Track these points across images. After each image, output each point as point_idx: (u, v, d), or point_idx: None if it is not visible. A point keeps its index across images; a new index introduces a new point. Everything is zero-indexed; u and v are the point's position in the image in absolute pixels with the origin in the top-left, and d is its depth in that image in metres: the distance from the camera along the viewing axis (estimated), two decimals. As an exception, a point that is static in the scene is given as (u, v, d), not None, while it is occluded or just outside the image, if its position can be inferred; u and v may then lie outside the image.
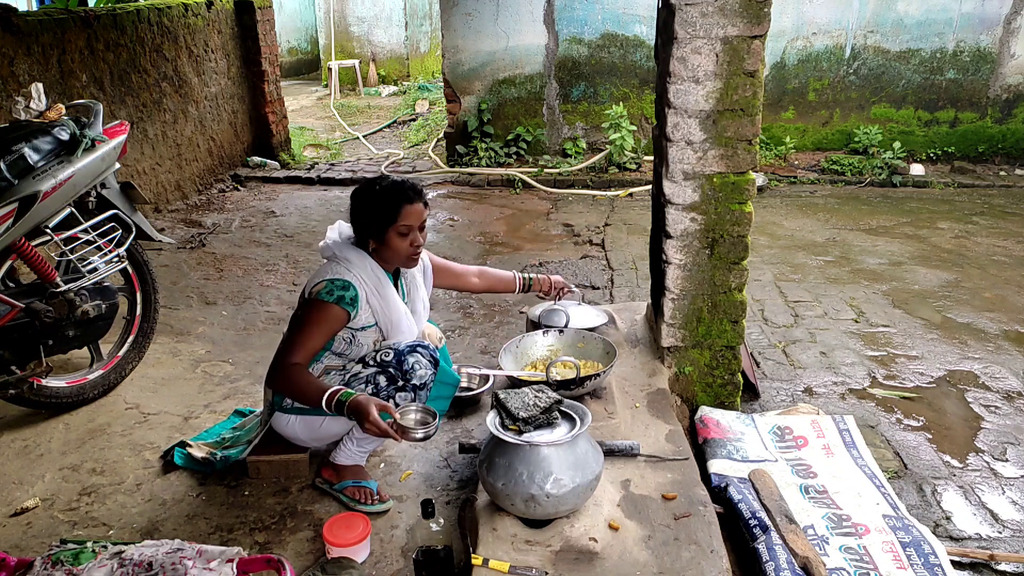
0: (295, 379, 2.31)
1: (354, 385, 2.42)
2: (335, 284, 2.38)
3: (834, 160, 7.25)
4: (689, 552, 2.04)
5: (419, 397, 2.41)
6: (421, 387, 2.41)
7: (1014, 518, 2.54)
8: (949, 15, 7.01)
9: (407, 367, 2.40)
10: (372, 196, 2.43)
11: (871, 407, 3.24)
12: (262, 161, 7.52)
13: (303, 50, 15.18)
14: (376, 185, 2.44)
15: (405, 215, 2.41)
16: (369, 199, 2.43)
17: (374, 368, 2.43)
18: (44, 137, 2.86)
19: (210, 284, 4.70)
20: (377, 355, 2.44)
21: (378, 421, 2.12)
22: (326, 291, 2.37)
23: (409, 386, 2.40)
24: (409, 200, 2.42)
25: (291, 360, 2.33)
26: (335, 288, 2.38)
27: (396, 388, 2.40)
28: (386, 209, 2.41)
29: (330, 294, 2.37)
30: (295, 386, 2.32)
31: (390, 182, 2.45)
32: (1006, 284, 4.58)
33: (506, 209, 6.42)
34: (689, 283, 2.84)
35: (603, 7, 7.26)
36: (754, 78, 2.60)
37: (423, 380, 2.41)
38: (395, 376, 2.40)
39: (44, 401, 3.05)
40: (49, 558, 1.89)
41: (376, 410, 2.13)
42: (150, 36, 5.90)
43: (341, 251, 2.48)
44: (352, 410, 2.16)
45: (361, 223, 2.47)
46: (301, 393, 2.31)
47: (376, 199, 2.42)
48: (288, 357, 2.34)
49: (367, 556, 2.29)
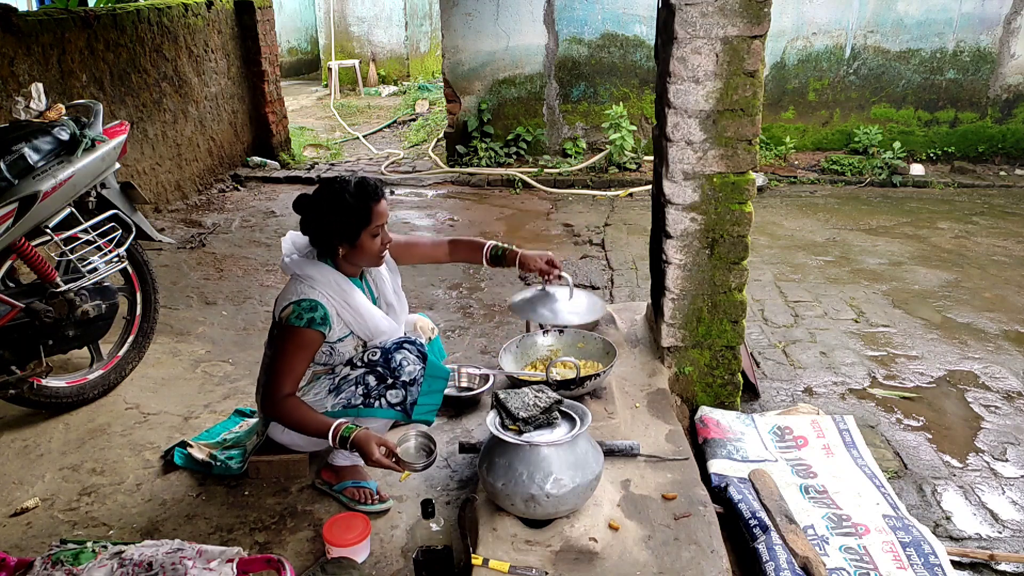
0: (293, 414, 2.33)
1: (344, 387, 2.42)
2: (302, 307, 2.33)
3: (834, 160, 7.25)
4: (689, 552, 2.04)
5: (410, 393, 2.40)
6: (411, 383, 2.41)
7: (1014, 518, 2.54)
8: (949, 15, 7.01)
9: (395, 364, 2.39)
10: (341, 201, 2.33)
11: (871, 407, 3.24)
12: (262, 161, 7.52)
13: (303, 50, 15.18)
14: (342, 189, 2.34)
15: (376, 215, 2.36)
16: (338, 204, 2.33)
17: (362, 369, 2.42)
18: (44, 137, 2.86)
19: (210, 284, 4.70)
20: (364, 355, 2.44)
21: (380, 460, 2.19)
22: (295, 316, 2.32)
23: (399, 383, 2.39)
24: (377, 198, 2.36)
25: (283, 392, 2.33)
26: (303, 311, 2.32)
27: (386, 387, 2.39)
28: (358, 212, 2.33)
29: (299, 318, 2.32)
30: (295, 421, 2.34)
31: (355, 183, 2.36)
32: (1006, 284, 4.58)
33: (506, 209, 6.42)
34: (689, 283, 2.84)
35: (603, 7, 7.26)
36: (754, 78, 2.60)
37: (412, 376, 2.40)
38: (384, 375, 2.39)
39: (44, 401, 3.05)
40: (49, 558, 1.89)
41: (377, 447, 2.19)
42: (150, 36, 5.90)
43: (302, 269, 2.41)
44: (355, 446, 2.23)
45: (329, 230, 2.38)
46: (303, 428, 2.35)
47: (346, 203, 2.32)
48: (279, 390, 2.33)
49: (367, 556, 2.29)
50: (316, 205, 2.38)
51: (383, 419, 2.45)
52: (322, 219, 2.37)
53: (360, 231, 2.36)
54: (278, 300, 2.44)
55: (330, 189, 2.36)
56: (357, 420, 2.48)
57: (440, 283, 4.75)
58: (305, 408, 2.35)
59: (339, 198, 2.33)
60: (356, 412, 2.42)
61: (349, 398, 2.41)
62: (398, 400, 2.40)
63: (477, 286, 4.69)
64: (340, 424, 2.26)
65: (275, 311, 2.43)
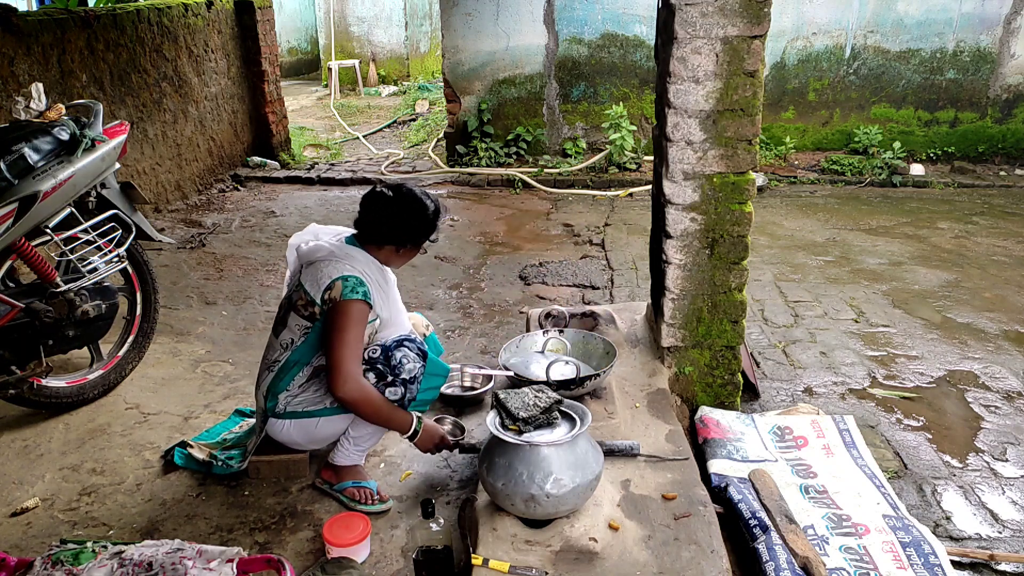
0: (375, 399, 2.37)
1: None
2: (350, 281, 2.36)
3: (834, 160, 7.25)
4: (689, 552, 2.04)
5: (409, 391, 2.42)
6: (411, 381, 2.42)
7: (1014, 518, 2.54)
8: (949, 15, 7.01)
9: (395, 362, 2.41)
10: (424, 211, 2.49)
11: (871, 407, 3.24)
12: (262, 161, 7.52)
13: (303, 50, 15.18)
14: (427, 202, 2.50)
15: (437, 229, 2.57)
16: (422, 214, 2.49)
17: (363, 366, 2.43)
18: (44, 137, 2.86)
19: (210, 284, 4.70)
20: (365, 352, 2.44)
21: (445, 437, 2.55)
22: (349, 289, 2.35)
23: (399, 380, 2.40)
24: (442, 216, 2.58)
25: (356, 372, 2.33)
26: (355, 286, 2.36)
27: (386, 384, 2.40)
28: (429, 228, 2.52)
29: (354, 292, 2.35)
30: (375, 408, 2.38)
31: (438, 201, 2.55)
32: (1006, 284, 4.58)
33: (506, 209, 6.42)
34: (689, 283, 2.84)
35: (603, 7, 7.25)
36: (754, 78, 2.60)
37: (412, 374, 2.42)
38: (384, 372, 2.40)
39: (44, 401, 3.05)
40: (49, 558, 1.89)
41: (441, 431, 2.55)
42: (150, 36, 5.90)
43: (341, 250, 2.46)
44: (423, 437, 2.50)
45: (401, 229, 2.48)
46: (382, 415, 2.40)
47: (425, 217, 2.49)
48: (354, 370, 2.33)
49: (367, 556, 2.29)
50: (399, 205, 2.48)
51: None
52: (400, 219, 2.47)
53: (422, 241, 2.54)
54: (310, 283, 2.39)
55: (415, 198, 2.50)
56: (355, 419, 2.48)
57: (440, 283, 4.75)
58: (380, 395, 2.40)
59: (424, 209, 2.49)
60: None
61: None
62: (397, 397, 2.41)
63: (477, 286, 4.69)
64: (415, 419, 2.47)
65: (311, 293, 2.38)
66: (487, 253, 5.31)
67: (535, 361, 2.89)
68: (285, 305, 2.54)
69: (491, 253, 5.31)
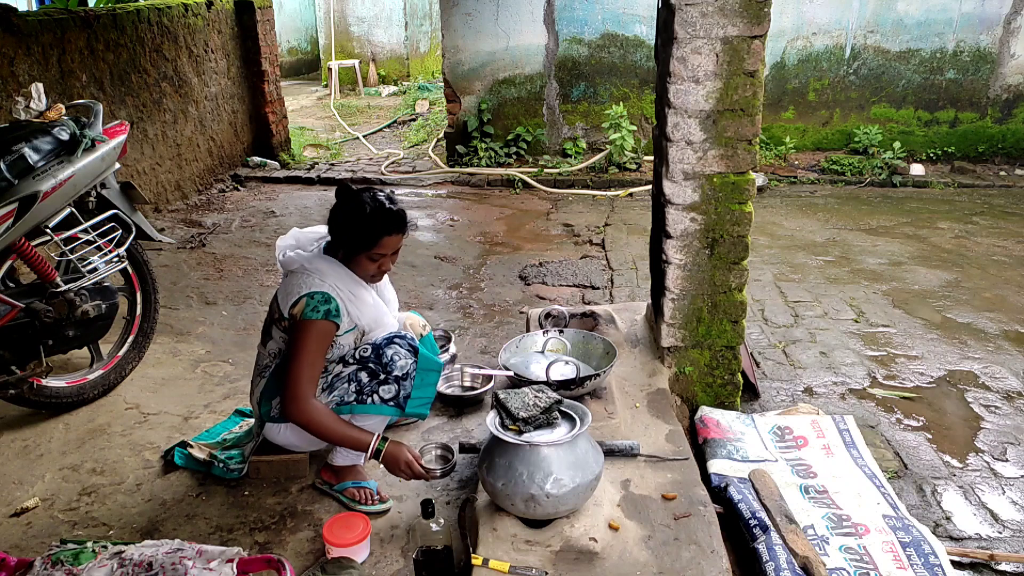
0: (324, 422, 2.32)
1: (337, 385, 2.42)
2: (315, 299, 2.32)
3: (834, 160, 7.25)
4: (689, 552, 2.04)
5: (403, 388, 2.40)
6: (403, 378, 2.40)
7: (1014, 518, 2.54)
8: (949, 15, 7.01)
9: (386, 360, 2.39)
10: (356, 216, 2.34)
11: (871, 407, 3.24)
12: (262, 161, 7.52)
13: (303, 50, 15.18)
14: (365, 205, 2.34)
15: (382, 245, 2.37)
16: (352, 218, 2.35)
17: (355, 365, 2.42)
18: (44, 137, 2.85)
19: (210, 284, 4.70)
20: (356, 352, 2.44)
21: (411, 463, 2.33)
22: (311, 308, 2.31)
23: (391, 378, 2.40)
24: (391, 232, 2.36)
25: (308, 395, 2.31)
26: (318, 304, 2.32)
27: (379, 383, 2.40)
28: (366, 235, 2.35)
29: (316, 311, 2.31)
30: (325, 430, 2.33)
31: (379, 208, 2.34)
32: (1006, 284, 4.58)
33: (506, 209, 6.42)
34: (689, 283, 2.84)
35: (603, 7, 7.25)
36: (754, 78, 2.60)
37: (404, 371, 2.40)
38: (376, 371, 2.40)
39: (44, 401, 3.05)
40: (49, 558, 1.89)
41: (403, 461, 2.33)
42: (150, 36, 5.90)
43: (311, 263, 2.41)
44: (385, 460, 2.34)
45: (337, 234, 2.42)
46: (333, 437, 2.35)
47: (359, 221, 2.34)
48: (305, 392, 2.30)
49: (367, 556, 2.29)
50: (338, 208, 2.40)
51: (377, 416, 2.46)
52: (335, 220, 2.41)
53: (360, 252, 2.39)
54: (282, 296, 2.42)
55: (357, 199, 2.36)
56: (352, 417, 2.48)
57: (440, 283, 4.75)
58: (333, 416, 2.35)
59: (356, 212, 2.35)
60: (350, 409, 2.42)
61: (342, 395, 2.41)
62: (391, 395, 2.40)
63: (477, 286, 4.69)
64: (376, 438, 2.34)
65: (281, 307, 2.40)
66: (487, 253, 5.31)
67: (535, 361, 2.89)
68: (268, 315, 2.54)
69: (491, 253, 5.31)
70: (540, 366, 2.80)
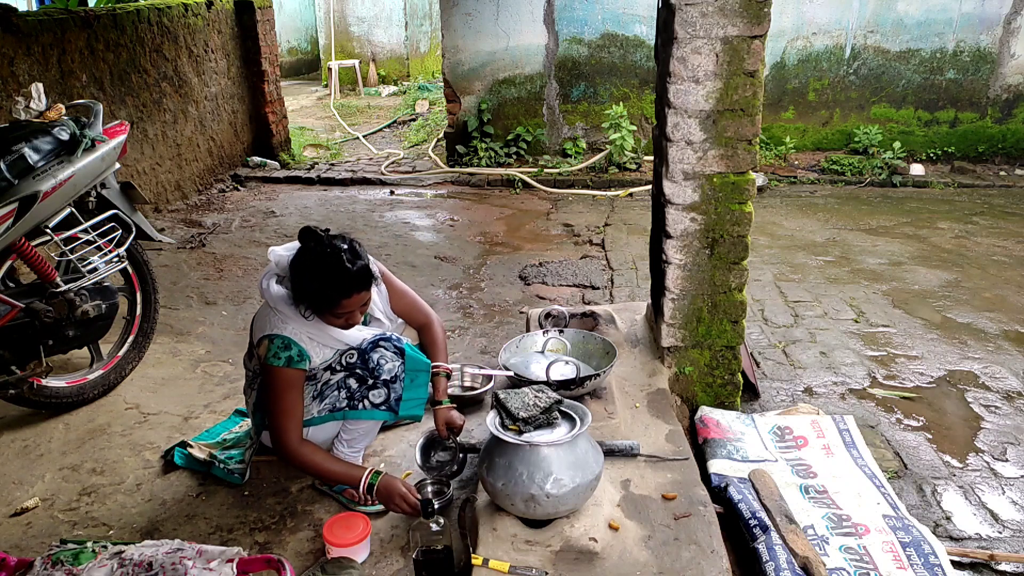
0: (314, 462, 2.33)
1: (327, 392, 2.42)
2: (275, 344, 2.28)
3: (834, 160, 7.25)
4: (689, 552, 2.04)
5: (392, 390, 2.39)
6: (392, 381, 2.39)
7: (1014, 518, 2.54)
8: (949, 15, 7.01)
9: (372, 364, 2.38)
10: (314, 278, 2.21)
11: (871, 407, 3.24)
12: (262, 161, 7.52)
13: (303, 50, 15.18)
14: (322, 264, 2.20)
15: (343, 306, 2.27)
16: (310, 279, 2.22)
17: (342, 372, 2.42)
18: (44, 137, 2.85)
19: (210, 284, 4.70)
20: (342, 358, 2.43)
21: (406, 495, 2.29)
22: (272, 355, 2.28)
23: (380, 383, 2.39)
24: (351, 294, 2.24)
25: (292, 438, 2.32)
26: (278, 350, 2.28)
27: (368, 388, 2.39)
28: (325, 298, 2.24)
29: (277, 358, 2.28)
30: (317, 471, 2.36)
31: (337, 269, 2.19)
32: (1006, 284, 4.58)
33: (506, 209, 6.42)
34: (689, 283, 2.84)
35: (603, 7, 7.25)
36: (754, 78, 2.60)
37: (392, 373, 2.39)
38: (364, 376, 2.39)
39: (44, 401, 3.05)
40: (49, 558, 1.89)
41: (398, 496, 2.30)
42: (150, 36, 5.90)
43: (275, 302, 2.33)
44: (379, 495, 2.32)
45: (297, 290, 2.29)
46: (326, 476, 2.37)
47: (318, 284, 2.22)
48: (288, 436, 2.31)
49: (367, 556, 2.29)
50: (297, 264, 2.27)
51: (370, 420, 2.46)
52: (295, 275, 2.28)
53: (322, 311, 2.30)
54: (254, 323, 2.42)
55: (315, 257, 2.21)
56: (345, 423, 2.48)
57: (440, 283, 4.75)
58: (323, 455, 2.37)
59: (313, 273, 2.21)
60: (343, 415, 2.42)
61: (334, 402, 2.41)
62: (382, 399, 2.40)
63: (477, 286, 4.69)
64: (368, 473, 2.33)
65: (252, 335, 2.42)
66: (487, 253, 5.31)
67: (535, 361, 2.89)
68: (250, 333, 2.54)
69: (491, 253, 5.31)
70: (540, 366, 2.80)
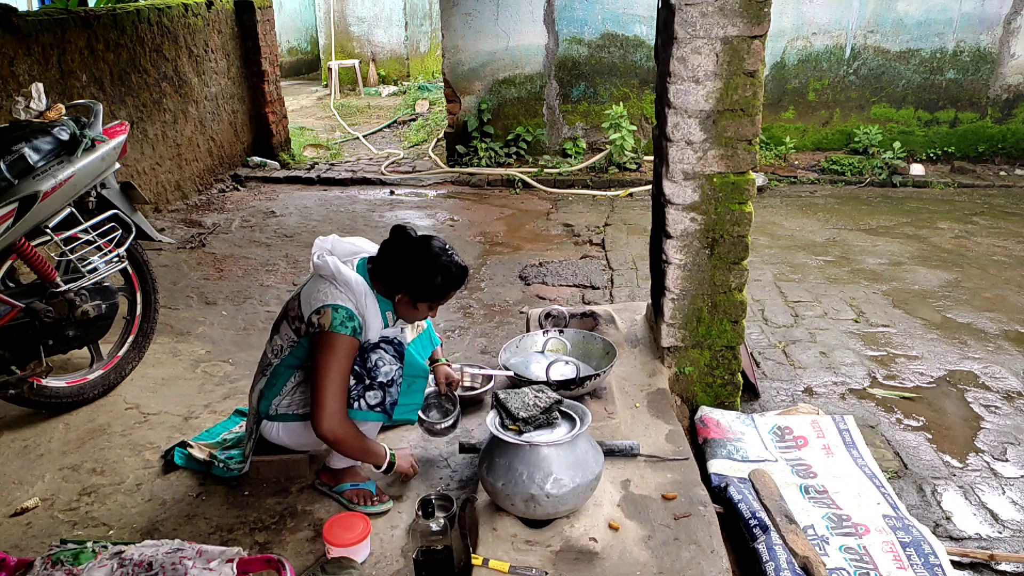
0: (351, 442, 2.36)
1: None
2: (341, 313, 2.31)
3: (834, 160, 7.25)
4: (689, 552, 2.04)
5: (388, 394, 2.38)
6: (388, 384, 2.38)
7: (1014, 518, 2.54)
8: (949, 15, 7.01)
9: (370, 365, 2.37)
10: (438, 272, 2.36)
11: (871, 407, 3.24)
12: (262, 161, 7.52)
13: (303, 50, 15.18)
14: (448, 264, 2.38)
15: (448, 298, 2.47)
16: (434, 272, 2.36)
17: None
18: (44, 137, 2.85)
19: (210, 284, 4.70)
20: None
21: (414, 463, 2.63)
22: (339, 323, 2.30)
23: (376, 384, 2.37)
24: (459, 288, 2.47)
25: (339, 410, 2.31)
26: (345, 319, 2.31)
27: (364, 388, 2.37)
28: (443, 289, 2.41)
29: (344, 326, 2.30)
30: (356, 447, 2.39)
31: (461, 268, 2.42)
32: (1006, 284, 4.58)
33: (506, 209, 6.42)
34: (689, 283, 2.84)
35: (603, 7, 7.25)
36: (754, 78, 2.60)
37: (389, 377, 2.38)
38: (361, 375, 2.37)
39: (44, 401, 3.05)
40: (49, 558, 1.89)
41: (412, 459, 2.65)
42: (150, 36, 5.90)
43: (340, 275, 2.37)
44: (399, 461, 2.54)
45: (407, 280, 2.38)
46: (362, 454, 2.43)
47: (441, 278, 2.37)
48: (339, 408, 2.30)
49: (367, 556, 2.29)
50: (416, 253, 2.38)
51: (367, 422, 2.44)
52: (411, 267, 2.37)
53: (429, 300, 2.43)
54: (305, 297, 2.39)
55: (438, 255, 2.38)
56: None
57: (440, 283, 4.75)
58: (359, 434, 2.38)
59: (441, 269, 2.37)
60: None
61: None
62: (377, 401, 2.38)
63: (477, 286, 4.69)
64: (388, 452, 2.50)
65: (303, 308, 2.38)
66: (487, 253, 5.31)
67: (535, 361, 2.90)
68: (282, 311, 2.53)
69: (491, 253, 5.31)
70: (540, 366, 2.80)
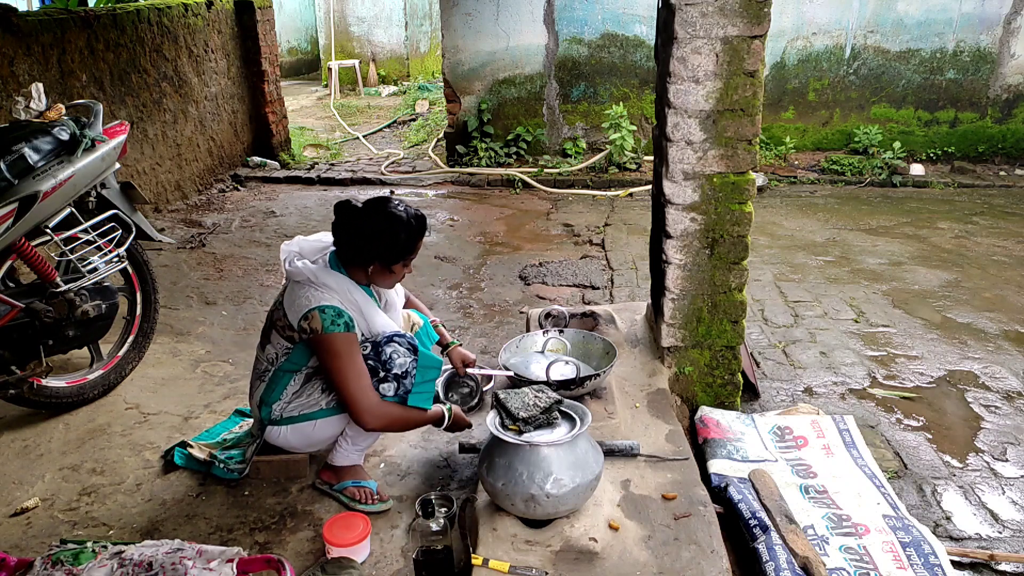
0: (397, 415, 2.40)
1: None
2: (329, 314, 2.32)
3: (834, 160, 7.25)
4: (689, 552, 2.04)
5: (403, 385, 2.40)
6: (403, 376, 2.40)
7: (1014, 518, 2.54)
8: (949, 15, 7.01)
9: (385, 358, 2.39)
10: (398, 227, 2.38)
11: (871, 407, 3.24)
12: (262, 161, 7.52)
13: (303, 50, 15.18)
14: (402, 217, 2.40)
15: (416, 249, 2.47)
16: (394, 229, 2.38)
17: None
18: (44, 137, 2.85)
19: (210, 284, 4.70)
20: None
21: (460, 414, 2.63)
22: (330, 323, 2.32)
23: (391, 376, 2.39)
24: (422, 236, 2.47)
25: (374, 397, 2.35)
26: (334, 317, 2.33)
27: (379, 380, 2.39)
28: (409, 243, 2.42)
29: (335, 324, 2.32)
30: (402, 421, 2.44)
31: (416, 215, 2.43)
32: (1006, 284, 4.58)
33: (506, 209, 6.42)
34: (689, 283, 2.84)
35: (603, 7, 7.25)
36: (754, 78, 2.60)
37: (404, 368, 2.39)
38: (375, 367, 2.39)
39: (44, 401, 3.05)
40: (49, 558, 1.89)
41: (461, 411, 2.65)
42: (150, 36, 5.90)
43: (317, 277, 2.40)
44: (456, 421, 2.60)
45: (372, 247, 2.39)
46: (411, 424, 2.49)
47: (402, 231, 2.39)
48: (368, 402, 2.33)
49: (367, 556, 2.29)
50: (368, 220, 2.40)
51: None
52: (370, 235, 2.39)
53: (401, 259, 2.44)
54: (288, 305, 2.40)
55: (388, 212, 2.40)
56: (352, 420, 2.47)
57: (440, 283, 4.75)
58: (401, 408, 2.41)
59: (397, 224, 2.39)
60: None
61: None
62: (391, 393, 2.40)
63: (477, 286, 4.69)
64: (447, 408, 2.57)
65: (289, 317, 2.39)
66: (487, 253, 5.31)
67: (535, 361, 2.90)
68: (268, 320, 2.54)
69: (491, 253, 5.31)
70: (540, 366, 2.80)
